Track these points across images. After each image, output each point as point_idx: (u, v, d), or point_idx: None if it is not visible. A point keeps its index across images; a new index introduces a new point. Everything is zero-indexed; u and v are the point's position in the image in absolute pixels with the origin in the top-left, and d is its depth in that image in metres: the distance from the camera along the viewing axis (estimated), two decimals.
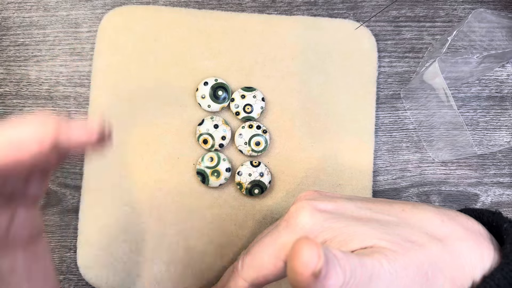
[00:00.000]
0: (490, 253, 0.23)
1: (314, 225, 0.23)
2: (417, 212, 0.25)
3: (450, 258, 0.23)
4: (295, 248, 0.19)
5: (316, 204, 0.24)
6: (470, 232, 0.24)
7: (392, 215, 0.25)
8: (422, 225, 0.24)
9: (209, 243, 0.34)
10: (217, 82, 0.35)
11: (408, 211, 0.25)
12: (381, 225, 0.24)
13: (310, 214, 0.24)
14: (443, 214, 0.25)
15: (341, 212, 0.24)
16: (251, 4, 0.37)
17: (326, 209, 0.24)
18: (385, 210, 0.25)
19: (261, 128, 0.35)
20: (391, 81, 0.37)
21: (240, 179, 0.34)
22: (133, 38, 0.36)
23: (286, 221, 0.25)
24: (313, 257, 0.19)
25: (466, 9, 0.38)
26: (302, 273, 0.18)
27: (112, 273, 0.34)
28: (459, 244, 0.23)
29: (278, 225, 0.25)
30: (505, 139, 0.37)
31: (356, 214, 0.24)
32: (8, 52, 0.37)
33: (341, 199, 0.25)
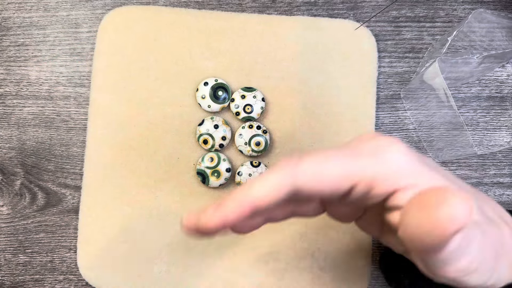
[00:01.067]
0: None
1: (406, 165, 0.20)
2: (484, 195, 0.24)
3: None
4: (442, 195, 0.17)
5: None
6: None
7: (469, 187, 0.23)
8: (492, 204, 0.23)
9: (209, 244, 0.34)
10: (217, 83, 0.35)
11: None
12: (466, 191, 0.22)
13: (405, 153, 0.20)
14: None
15: (428, 163, 0.21)
16: (251, 4, 0.37)
17: (415, 153, 0.21)
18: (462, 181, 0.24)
19: (261, 128, 0.35)
20: (391, 81, 0.37)
21: (240, 179, 0.34)
22: (133, 38, 0.36)
23: (373, 152, 0.20)
24: (465, 212, 0.16)
25: (466, 9, 0.38)
26: (446, 227, 0.16)
27: (112, 273, 0.34)
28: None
29: (355, 147, 0.21)
30: (505, 139, 0.37)
31: (442, 172, 0.22)
32: (8, 52, 0.37)
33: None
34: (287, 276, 0.34)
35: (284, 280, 0.34)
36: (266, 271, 0.34)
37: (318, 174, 0.20)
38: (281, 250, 0.34)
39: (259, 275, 0.34)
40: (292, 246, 0.34)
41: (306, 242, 0.34)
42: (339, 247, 0.34)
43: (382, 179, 0.20)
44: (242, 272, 0.34)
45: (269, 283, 0.34)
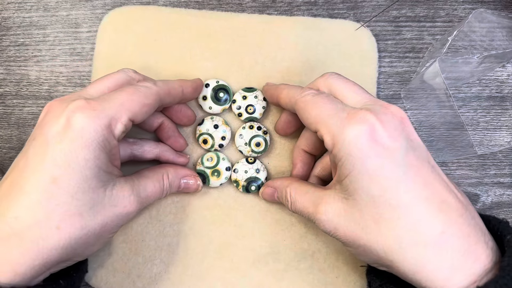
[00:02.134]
0: (484, 259, 0.23)
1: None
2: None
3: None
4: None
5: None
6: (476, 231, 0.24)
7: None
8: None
9: (208, 244, 0.34)
10: (219, 84, 0.35)
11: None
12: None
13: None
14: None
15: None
16: (251, 4, 0.37)
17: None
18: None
19: (262, 129, 0.35)
20: (392, 81, 0.37)
21: (236, 176, 0.34)
22: (133, 39, 0.36)
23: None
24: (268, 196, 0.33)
25: (467, 9, 0.37)
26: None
27: (112, 273, 0.34)
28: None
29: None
30: (505, 139, 0.37)
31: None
32: (8, 52, 0.37)
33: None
34: (287, 276, 0.34)
35: (284, 281, 0.34)
36: (266, 272, 0.34)
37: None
38: (281, 251, 0.34)
39: (258, 276, 0.34)
40: (292, 247, 0.34)
41: (306, 243, 0.34)
42: (339, 248, 0.34)
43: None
44: (242, 273, 0.34)
45: (269, 284, 0.34)
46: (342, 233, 0.26)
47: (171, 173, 0.32)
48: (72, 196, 0.24)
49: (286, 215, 0.35)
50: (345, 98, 0.28)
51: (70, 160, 0.24)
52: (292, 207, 0.30)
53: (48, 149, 0.24)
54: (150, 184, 0.30)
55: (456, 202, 0.25)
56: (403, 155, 0.24)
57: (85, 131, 0.24)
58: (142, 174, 0.30)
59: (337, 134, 0.25)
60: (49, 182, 0.24)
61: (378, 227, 0.24)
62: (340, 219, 0.26)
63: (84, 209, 0.25)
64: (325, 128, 0.26)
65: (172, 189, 0.32)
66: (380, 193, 0.24)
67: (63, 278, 0.27)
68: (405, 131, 0.26)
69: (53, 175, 0.24)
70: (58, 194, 0.24)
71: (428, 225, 0.24)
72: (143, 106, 0.27)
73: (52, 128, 0.24)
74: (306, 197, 0.29)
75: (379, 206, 0.24)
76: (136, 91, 0.27)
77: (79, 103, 0.25)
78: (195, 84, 0.33)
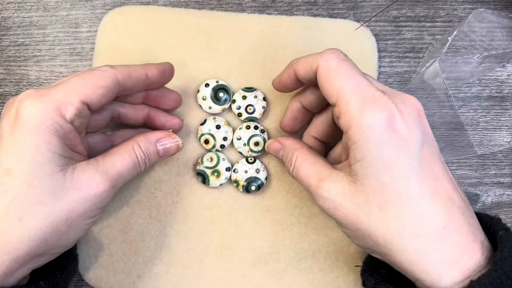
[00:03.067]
0: (479, 256, 0.24)
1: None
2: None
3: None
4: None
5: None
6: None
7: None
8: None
9: (209, 244, 0.34)
10: (218, 84, 0.35)
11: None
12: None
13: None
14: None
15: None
16: (251, 4, 0.37)
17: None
18: None
19: (259, 128, 0.35)
20: (392, 81, 0.37)
21: (236, 176, 0.34)
22: (133, 39, 0.36)
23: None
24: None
25: (467, 9, 0.37)
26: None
27: (112, 273, 0.34)
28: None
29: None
30: (505, 139, 0.37)
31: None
32: (8, 52, 0.37)
33: None
34: (287, 276, 0.34)
35: (284, 281, 0.34)
36: (266, 272, 0.34)
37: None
38: (281, 251, 0.34)
39: (259, 276, 0.34)
40: (292, 246, 0.34)
41: (306, 242, 0.34)
42: (340, 247, 0.34)
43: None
44: (242, 273, 0.34)
45: (269, 284, 0.34)
46: (342, 214, 0.26)
47: (141, 141, 0.29)
48: (28, 185, 0.23)
49: (286, 215, 0.35)
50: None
51: (20, 148, 0.23)
52: (293, 173, 0.29)
53: (2, 143, 0.24)
54: (119, 159, 0.28)
55: (460, 200, 0.25)
56: (418, 148, 0.25)
57: (32, 117, 0.24)
58: (109, 151, 0.29)
59: (355, 116, 0.25)
60: (2, 174, 0.23)
61: (383, 214, 0.24)
62: (344, 200, 0.26)
63: (44, 196, 0.24)
64: (344, 105, 0.25)
65: (151, 158, 0.30)
66: (391, 181, 0.24)
67: (45, 279, 0.27)
68: (422, 124, 0.26)
69: (6, 167, 0.23)
70: (13, 185, 0.23)
71: (432, 218, 0.24)
72: (97, 88, 0.26)
73: (4, 122, 0.24)
74: (312, 168, 0.28)
75: (387, 194, 0.24)
76: (88, 75, 0.26)
77: (27, 92, 0.25)
78: (161, 66, 0.30)
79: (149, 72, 0.29)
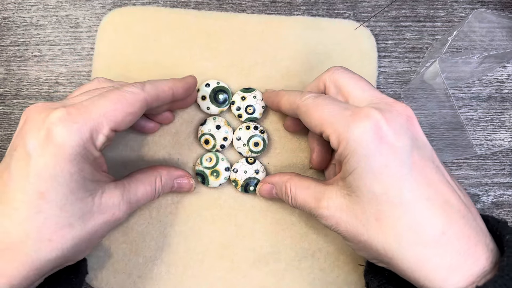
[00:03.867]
0: (483, 261, 0.24)
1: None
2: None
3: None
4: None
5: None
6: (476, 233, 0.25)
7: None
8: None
9: (209, 244, 0.34)
10: (219, 85, 0.35)
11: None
12: None
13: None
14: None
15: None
16: (251, 4, 0.37)
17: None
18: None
19: (259, 129, 0.35)
20: (391, 81, 0.37)
21: (235, 176, 0.34)
22: (133, 39, 0.36)
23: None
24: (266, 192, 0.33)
25: (467, 9, 0.38)
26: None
27: (112, 274, 0.34)
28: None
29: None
30: (505, 139, 0.37)
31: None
32: (8, 52, 0.37)
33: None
34: (288, 276, 0.34)
35: (284, 281, 0.34)
36: (266, 272, 0.34)
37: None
38: (281, 251, 0.34)
39: (259, 276, 0.34)
40: (293, 246, 0.34)
41: (306, 242, 0.34)
42: (340, 247, 0.34)
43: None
44: (242, 273, 0.34)
45: (269, 284, 0.34)
46: (343, 228, 0.26)
47: (164, 175, 0.31)
48: (60, 209, 0.24)
49: (287, 215, 0.35)
50: (351, 94, 0.28)
51: (55, 174, 0.24)
52: (292, 202, 0.30)
53: (31, 163, 0.24)
54: (141, 188, 0.30)
55: (459, 203, 0.25)
56: (408, 154, 0.25)
57: (67, 145, 0.24)
58: (134, 177, 0.30)
59: (342, 132, 0.25)
60: (36, 197, 0.24)
61: (379, 224, 0.24)
62: (342, 214, 0.26)
63: (74, 219, 0.25)
64: (330, 128, 0.26)
65: (165, 190, 0.32)
66: (383, 191, 0.24)
67: (63, 285, 0.27)
68: (411, 129, 0.26)
69: (40, 189, 0.24)
70: (47, 208, 0.24)
71: (429, 225, 0.24)
72: (127, 115, 0.26)
73: (32, 140, 0.24)
74: (308, 192, 0.29)
75: (381, 204, 0.24)
76: (120, 98, 0.26)
77: (60, 113, 0.24)
78: (187, 85, 0.31)
79: (175, 91, 0.30)
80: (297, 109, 0.29)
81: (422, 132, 0.26)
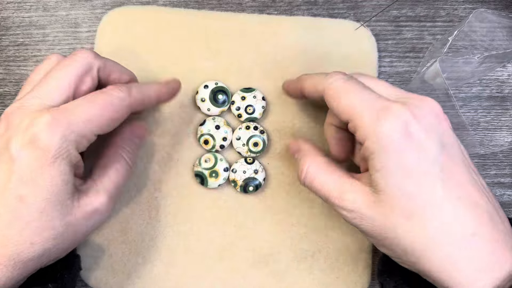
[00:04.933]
0: (509, 266, 0.23)
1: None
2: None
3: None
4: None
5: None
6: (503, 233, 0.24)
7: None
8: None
9: (208, 245, 0.34)
10: (218, 86, 0.35)
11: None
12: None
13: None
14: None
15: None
16: (251, 3, 0.37)
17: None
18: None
19: (259, 129, 0.34)
20: (392, 81, 0.37)
21: (234, 176, 0.34)
22: (132, 39, 0.36)
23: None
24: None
25: (467, 9, 0.37)
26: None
27: (111, 274, 0.34)
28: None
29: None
30: (506, 139, 0.37)
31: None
32: (8, 52, 0.37)
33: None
34: (287, 277, 0.34)
35: (284, 282, 0.34)
36: (266, 272, 0.34)
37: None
38: (281, 251, 0.34)
39: (259, 277, 0.34)
40: (292, 247, 0.34)
41: (306, 243, 0.34)
42: (340, 248, 0.34)
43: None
44: (242, 273, 0.34)
45: (269, 284, 0.34)
46: (368, 224, 0.25)
47: (126, 144, 0.30)
48: (41, 212, 0.24)
49: (287, 216, 0.35)
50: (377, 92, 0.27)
51: (35, 177, 0.24)
52: (306, 181, 0.29)
53: (14, 167, 0.24)
54: (113, 172, 0.29)
55: (488, 205, 0.24)
56: (438, 152, 0.24)
57: (50, 149, 0.24)
58: (99, 165, 0.29)
59: (370, 127, 0.24)
60: (16, 201, 0.24)
61: (410, 223, 0.24)
62: (368, 211, 0.25)
63: (55, 223, 0.25)
64: (358, 120, 0.25)
65: (137, 149, 0.31)
66: (415, 189, 0.24)
67: (53, 281, 0.27)
68: (441, 127, 0.25)
69: (20, 193, 0.24)
70: (27, 212, 0.24)
71: (460, 225, 0.23)
72: (112, 121, 0.27)
73: (17, 144, 0.24)
74: (331, 179, 0.27)
75: (412, 202, 0.24)
76: (107, 104, 0.26)
77: (45, 119, 0.24)
78: (172, 91, 0.31)
79: (160, 97, 0.30)
80: (323, 92, 0.27)
81: (452, 130, 0.26)
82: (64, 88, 0.26)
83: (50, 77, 0.27)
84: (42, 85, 0.26)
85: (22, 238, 0.24)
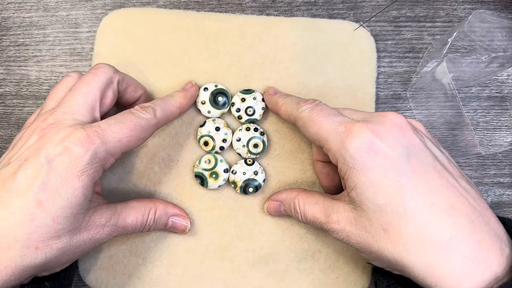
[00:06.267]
0: (496, 267, 0.23)
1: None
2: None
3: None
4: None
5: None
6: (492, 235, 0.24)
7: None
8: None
9: (209, 245, 0.34)
10: (217, 88, 0.35)
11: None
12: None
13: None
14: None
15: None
16: (251, 4, 0.37)
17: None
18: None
19: (259, 130, 0.35)
20: (391, 81, 0.37)
21: (234, 177, 0.34)
22: (132, 40, 0.36)
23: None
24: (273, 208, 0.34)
25: (466, 9, 0.37)
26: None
27: (112, 275, 0.34)
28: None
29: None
30: (505, 139, 0.37)
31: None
32: (8, 52, 0.37)
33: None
34: (287, 277, 0.34)
35: (284, 282, 0.34)
36: (266, 273, 0.34)
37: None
38: (281, 252, 0.34)
39: (259, 277, 0.34)
40: (293, 247, 0.34)
41: (306, 243, 0.34)
42: (340, 248, 0.34)
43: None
44: (242, 274, 0.34)
45: (269, 285, 0.34)
46: (354, 241, 0.27)
47: (159, 210, 0.32)
48: (53, 220, 0.25)
49: (286, 216, 0.35)
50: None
51: (59, 186, 0.25)
52: (302, 218, 0.30)
53: (41, 173, 0.24)
54: (132, 215, 0.30)
55: (466, 207, 0.25)
56: (405, 163, 0.25)
57: (81, 163, 0.25)
58: (128, 203, 0.30)
59: (338, 151, 0.26)
60: (34, 205, 0.24)
61: (387, 235, 0.25)
62: (352, 227, 0.26)
63: (63, 233, 0.25)
64: (326, 145, 0.27)
65: (158, 226, 0.32)
66: (386, 201, 0.25)
67: (49, 279, 0.27)
68: (405, 138, 0.26)
69: (40, 198, 0.24)
70: (41, 217, 0.24)
71: (436, 231, 0.24)
72: (139, 140, 0.29)
73: (48, 152, 0.25)
74: (317, 208, 0.29)
75: (386, 215, 0.25)
76: (136, 125, 0.28)
77: (81, 135, 0.25)
78: (192, 99, 0.34)
79: (182, 109, 0.33)
80: (295, 122, 0.30)
81: (418, 138, 0.26)
82: (91, 103, 0.28)
83: (76, 92, 0.28)
84: (69, 101, 0.28)
85: (29, 241, 0.24)
